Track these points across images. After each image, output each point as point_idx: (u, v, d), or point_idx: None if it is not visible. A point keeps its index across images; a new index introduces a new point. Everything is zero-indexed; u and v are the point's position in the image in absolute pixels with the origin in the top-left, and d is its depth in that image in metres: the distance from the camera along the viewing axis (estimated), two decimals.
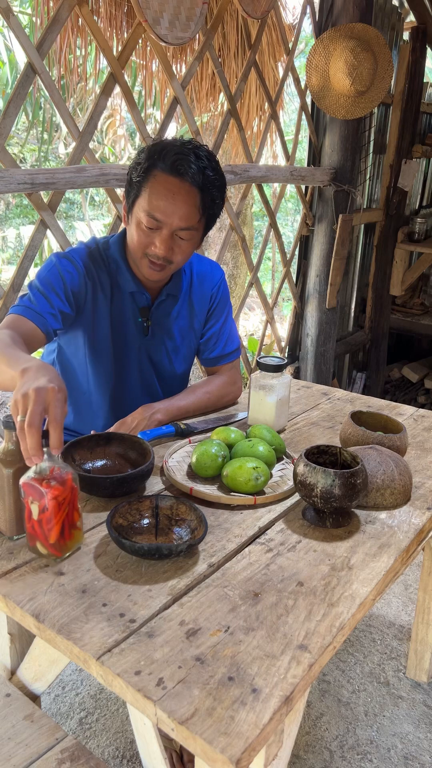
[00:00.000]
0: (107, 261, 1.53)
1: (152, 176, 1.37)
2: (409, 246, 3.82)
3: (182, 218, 1.39)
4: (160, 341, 1.62)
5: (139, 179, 1.39)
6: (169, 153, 1.37)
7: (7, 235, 7.67)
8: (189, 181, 1.37)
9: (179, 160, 1.36)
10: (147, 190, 1.38)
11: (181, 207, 1.38)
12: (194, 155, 1.38)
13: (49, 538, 1.04)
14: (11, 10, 1.70)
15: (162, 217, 1.38)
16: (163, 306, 1.60)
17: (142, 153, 1.40)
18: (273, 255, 6.82)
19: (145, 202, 1.39)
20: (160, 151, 1.38)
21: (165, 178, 1.37)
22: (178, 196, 1.38)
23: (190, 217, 1.40)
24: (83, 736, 1.69)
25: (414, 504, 1.29)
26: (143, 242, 1.42)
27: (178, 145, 1.39)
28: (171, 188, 1.37)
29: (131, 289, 1.54)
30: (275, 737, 0.86)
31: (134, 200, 1.41)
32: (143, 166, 1.38)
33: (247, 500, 1.25)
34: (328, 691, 1.85)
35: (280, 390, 1.55)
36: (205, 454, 1.31)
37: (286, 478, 1.35)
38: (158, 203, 1.37)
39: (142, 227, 1.40)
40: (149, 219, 1.39)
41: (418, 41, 3.49)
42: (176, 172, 1.36)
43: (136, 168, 1.40)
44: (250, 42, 2.73)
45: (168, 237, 1.41)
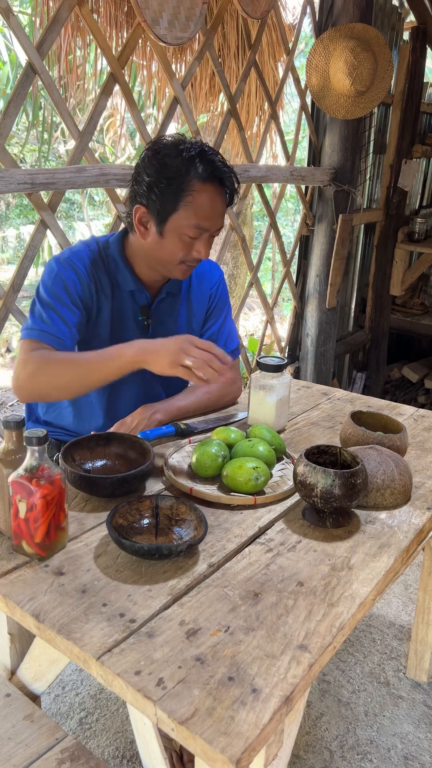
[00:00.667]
0: (107, 260, 1.53)
1: (193, 190, 1.38)
2: (409, 246, 3.82)
3: (220, 220, 1.45)
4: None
5: (178, 195, 1.38)
6: (203, 162, 1.38)
7: (7, 235, 7.68)
8: (222, 184, 1.42)
9: (213, 168, 1.39)
10: (190, 204, 1.38)
11: (221, 211, 1.44)
12: (216, 155, 1.41)
13: (35, 537, 1.04)
14: (11, 10, 1.70)
15: (209, 225, 1.42)
16: (163, 304, 1.61)
17: (172, 165, 1.37)
18: (273, 255, 6.82)
19: (190, 215, 1.39)
20: (192, 161, 1.37)
21: (206, 188, 1.39)
22: (218, 201, 1.42)
23: (224, 217, 1.46)
24: (83, 736, 1.69)
25: (414, 504, 1.29)
26: (184, 251, 1.44)
27: (208, 151, 1.40)
28: (213, 196, 1.40)
29: (131, 287, 1.54)
30: (275, 737, 0.86)
31: (170, 214, 1.40)
32: (179, 179, 1.37)
33: (247, 500, 1.25)
34: (328, 691, 1.85)
35: (280, 390, 1.55)
36: (205, 454, 1.31)
37: (286, 478, 1.35)
38: (206, 214, 1.40)
39: (185, 239, 1.42)
40: (195, 230, 1.41)
41: (418, 41, 3.49)
42: (215, 178, 1.39)
43: (170, 182, 1.37)
44: (250, 42, 2.73)
45: (208, 240, 1.45)
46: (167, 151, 1.39)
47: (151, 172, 1.39)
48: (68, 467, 1.23)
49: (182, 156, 1.38)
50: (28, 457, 1.02)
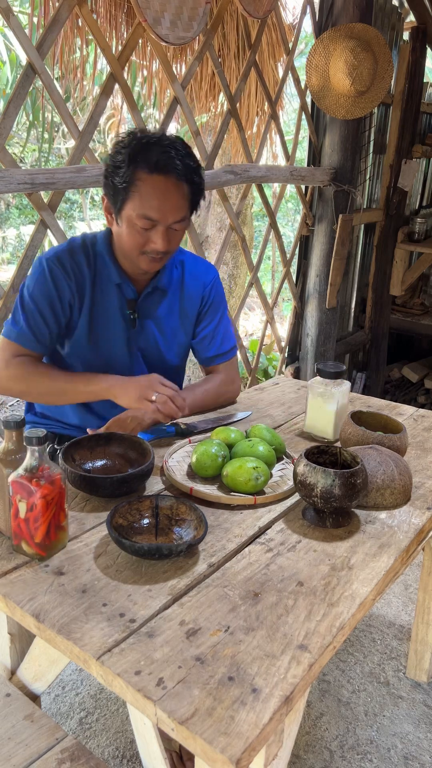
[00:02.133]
0: (94, 256, 1.54)
1: (138, 179, 1.38)
2: (409, 246, 3.82)
3: (175, 213, 1.42)
4: (149, 333, 1.62)
5: (125, 184, 1.39)
6: (151, 152, 1.37)
7: (7, 235, 7.68)
8: (175, 176, 1.39)
9: (162, 158, 1.37)
10: (136, 193, 1.39)
11: (173, 203, 1.41)
12: (173, 149, 1.39)
13: (35, 537, 1.04)
14: (11, 10, 1.70)
15: (157, 216, 1.40)
16: (150, 299, 1.60)
17: (119, 155, 1.39)
18: (273, 255, 6.82)
19: (136, 204, 1.39)
20: (141, 151, 1.37)
21: (152, 178, 1.38)
22: (169, 193, 1.40)
23: (181, 210, 1.43)
24: (83, 736, 1.69)
25: (414, 504, 1.29)
26: (139, 242, 1.44)
27: (155, 142, 1.39)
28: (160, 187, 1.39)
29: (117, 281, 1.54)
30: (275, 737, 0.86)
31: (121, 203, 1.42)
32: (126, 170, 1.38)
33: (247, 500, 1.25)
34: (328, 691, 1.85)
35: (340, 398, 1.51)
36: (205, 454, 1.31)
37: (286, 478, 1.35)
38: (151, 204, 1.39)
39: (137, 228, 1.42)
40: (144, 221, 1.41)
41: (418, 41, 3.49)
42: (162, 170, 1.38)
43: (117, 172, 1.39)
44: (250, 42, 2.73)
45: (164, 233, 1.43)
46: (123, 141, 1.41)
47: (109, 162, 1.42)
48: (68, 467, 1.23)
49: (132, 145, 1.38)
50: (28, 457, 1.02)
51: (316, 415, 1.55)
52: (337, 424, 1.53)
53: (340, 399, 1.51)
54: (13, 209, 8.06)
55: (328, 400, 1.51)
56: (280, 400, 1.83)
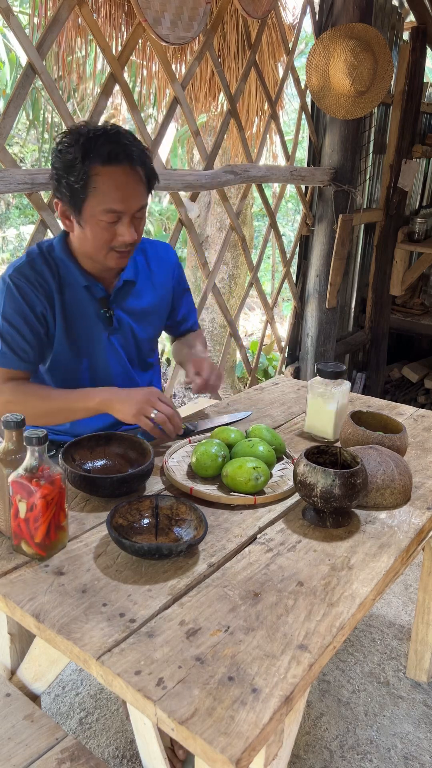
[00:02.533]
0: (54, 263, 1.50)
1: (95, 174, 1.35)
2: (409, 246, 3.82)
3: (138, 200, 1.40)
4: (126, 327, 1.60)
5: (82, 182, 1.35)
6: (101, 144, 1.34)
7: (7, 235, 7.68)
8: (130, 163, 1.37)
9: (115, 148, 1.35)
10: (96, 189, 1.36)
11: (134, 190, 1.39)
12: (122, 137, 1.38)
13: (35, 537, 1.04)
14: (11, 10, 1.70)
15: (122, 207, 1.38)
16: (123, 293, 1.58)
17: (69, 154, 1.36)
18: (273, 255, 6.82)
19: (98, 200, 1.36)
20: (90, 145, 1.34)
21: (109, 170, 1.35)
22: (129, 181, 1.38)
23: (142, 195, 1.42)
24: (83, 736, 1.69)
25: (414, 504, 1.29)
26: (106, 238, 1.41)
27: (102, 134, 1.36)
28: (120, 177, 1.36)
29: (83, 283, 1.51)
30: (275, 737, 0.86)
31: (80, 203, 1.38)
32: (79, 168, 1.34)
33: (247, 500, 1.25)
34: (328, 691, 1.85)
35: (340, 398, 1.51)
36: (205, 454, 1.31)
37: (286, 478, 1.35)
38: (113, 196, 1.36)
39: (102, 225, 1.39)
40: (110, 215, 1.38)
41: (418, 41, 3.49)
42: (117, 160, 1.35)
43: (71, 172, 1.35)
44: (250, 42, 2.73)
45: (130, 223, 1.41)
46: (68, 140, 1.37)
47: (57, 165, 1.38)
48: (68, 467, 1.23)
49: (80, 142, 1.35)
50: (28, 457, 1.02)
51: (316, 415, 1.55)
52: (337, 424, 1.53)
53: (340, 399, 1.51)
54: (13, 209, 8.06)
55: (328, 400, 1.51)
56: (280, 400, 1.83)
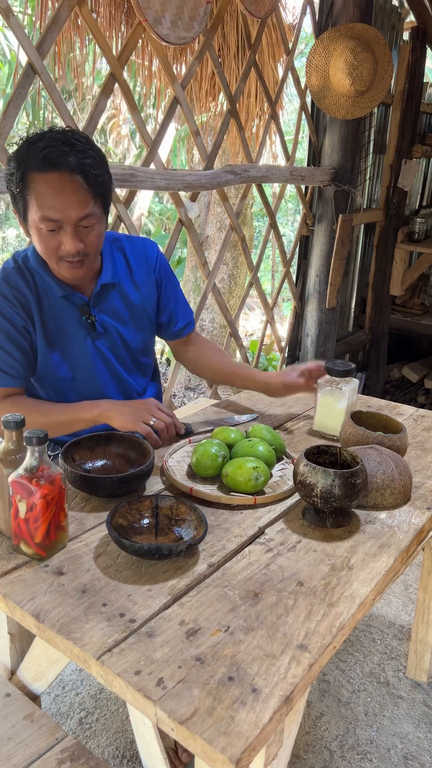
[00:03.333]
0: (31, 274, 1.47)
1: (30, 181, 1.31)
2: (409, 246, 3.82)
3: (77, 208, 1.33)
4: (112, 331, 1.57)
5: (19, 189, 1.32)
6: (36, 149, 1.30)
7: (7, 235, 7.67)
8: (67, 169, 1.30)
9: (48, 153, 1.29)
10: (31, 196, 1.32)
11: (72, 198, 1.32)
12: (61, 141, 1.31)
13: (35, 537, 1.04)
14: (11, 10, 1.70)
15: (58, 216, 1.32)
16: (103, 297, 1.54)
17: (11, 162, 1.33)
18: (273, 255, 6.82)
19: (34, 208, 1.32)
20: (27, 151, 1.31)
21: (42, 176, 1.30)
22: (64, 188, 1.31)
23: (84, 204, 1.34)
24: (83, 736, 1.69)
25: (414, 504, 1.29)
26: (51, 246, 1.37)
27: (44, 138, 1.32)
28: (53, 184, 1.30)
29: (60, 293, 1.47)
30: (275, 737, 0.86)
31: (24, 211, 1.35)
32: (17, 174, 1.31)
33: (247, 500, 1.25)
34: (328, 691, 1.85)
35: (350, 396, 1.51)
36: (205, 454, 1.31)
37: (286, 478, 1.35)
38: (47, 203, 1.31)
39: (43, 233, 1.35)
40: (46, 222, 1.33)
41: (418, 41, 3.49)
42: (50, 165, 1.30)
43: (12, 179, 1.33)
44: (250, 42, 2.73)
45: (73, 232, 1.35)
46: (18, 145, 1.34)
47: (7, 171, 1.36)
48: (68, 467, 1.23)
49: (22, 148, 1.31)
50: (28, 457, 1.02)
51: (326, 413, 1.55)
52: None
53: (350, 397, 1.52)
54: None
55: (338, 398, 1.51)
56: (280, 400, 1.83)
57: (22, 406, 1.47)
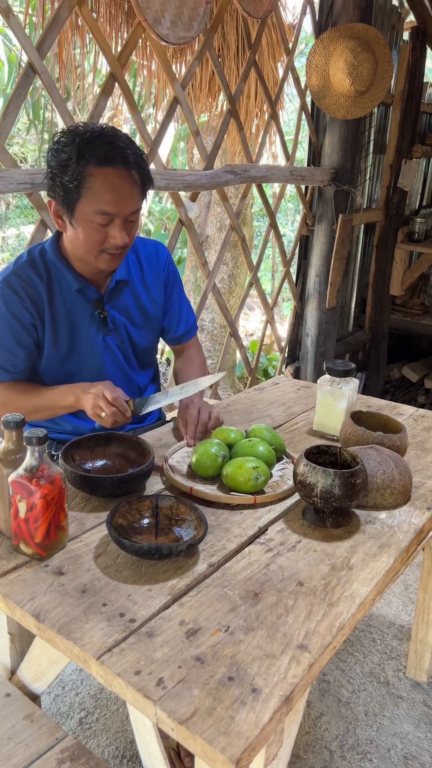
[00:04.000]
0: (47, 267, 1.49)
1: (90, 174, 1.33)
2: (409, 246, 3.82)
3: (131, 203, 1.39)
4: (121, 328, 1.59)
5: (76, 182, 1.34)
6: (97, 145, 1.33)
7: (7, 235, 7.67)
8: (125, 166, 1.36)
9: (111, 150, 1.34)
10: (90, 190, 1.34)
11: (128, 193, 1.38)
12: (118, 139, 1.36)
13: (35, 537, 1.04)
14: (11, 10, 1.70)
15: (115, 210, 1.37)
16: (116, 294, 1.57)
17: (63, 153, 1.34)
18: (273, 255, 6.81)
19: (91, 201, 1.35)
20: (87, 146, 1.33)
21: (104, 171, 1.34)
22: (123, 184, 1.36)
23: (135, 199, 1.40)
24: (83, 736, 1.69)
25: (414, 504, 1.29)
26: (98, 239, 1.40)
27: (98, 134, 1.35)
28: (114, 179, 1.35)
29: (76, 287, 1.50)
30: (275, 737, 0.86)
31: (72, 204, 1.37)
32: (75, 168, 1.33)
33: (247, 500, 1.25)
34: (328, 691, 1.85)
35: (350, 396, 1.51)
36: (205, 454, 1.31)
37: (286, 478, 1.35)
38: (106, 197, 1.35)
39: (94, 226, 1.38)
40: (102, 216, 1.37)
41: (418, 41, 3.49)
42: (112, 162, 1.34)
43: (66, 171, 1.34)
44: (250, 42, 2.73)
45: (122, 226, 1.40)
46: (64, 139, 1.36)
47: (52, 163, 1.37)
48: (68, 467, 1.23)
49: (76, 142, 1.34)
50: (28, 457, 1.02)
51: (326, 413, 1.55)
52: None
53: (350, 397, 1.52)
54: (13, 209, 8.06)
55: (338, 398, 1.51)
56: (280, 400, 1.83)
57: (12, 389, 1.49)
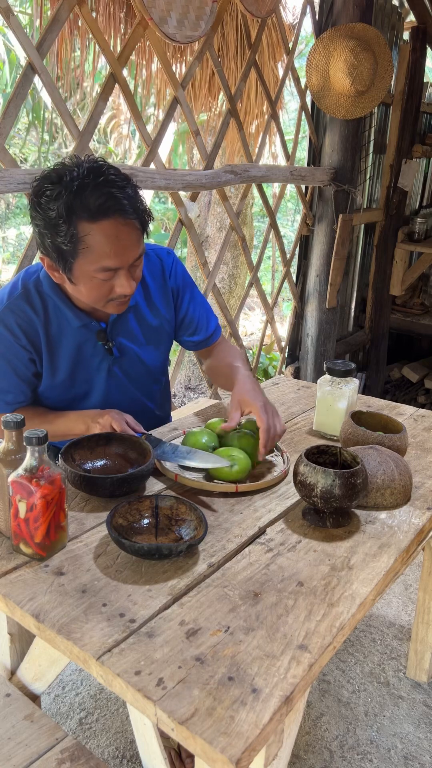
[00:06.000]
0: (43, 300, 1.39)
1: (85, 234, 1.21)
2: (409, 246, 3.82)
3: (134, 251, 1.28)
4: (129, 352, 1.52)
5: (71, 244, 1.22)
6: (87, 197, 1.20)
7: (7, 235, 7.68)
8: (122, 214, 1.23)
9: (103, 201, 1.20)
10: (87, 249, 1.23)
11: (129, 242, 1.26)
12: (109, 185, 1.22)
13: (34, 537, 1.04)
14: (11, 10, 1.70)
15: (117, 264, 1.26)
16: (120, 323, 1.49)
17: (51, 211, 1.21)
18: (273, 255, 6.82)
19: (90, 260, 1.24)
20: (75, 200, 1.20)
21: (100, 226, 1.22)
22: (122, 235, 1.24)
23: (138, 244, 1.29)
24: (83, 736, 1.69)
25: (414, 504, 1.29)
26: (104, 292, 1.31)
27: (87, 183, 1.20)
28: (112, 232, 1.23)
29: (77, 324, 1.41)
30: (275, 737, 0.86)
31: (72, 264, 1.26)
32: (65, 228, 1.20)
33: (229, 488, 1.27)
34: (328, 691, 1.84)
35: (350, 396, 1.51)
36: (197, 444, 1.36)
37: (273, 469, 1.38)
38: (105, 252, 1.24)
39: (96, 282, 1.28)
40: (105, 273, 1.26)
41: (418, 41, 3.49)
42: (107, 214, 1.21)
43: (58, 232, 1.21)
44: (250, 42, 2.73)
45: (127, 275, 1.30)
46: (49, 192, 1.21)
47: (39, 222, 1.25)
48: (68, 467, 1.23)
49: (62, 196, 1.20)
50: (28, 457, 1.02)
51: (326, 413, 1.55)
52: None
53: (350, 397, 1.52)
54: (13, 209, 8.06)
55: (338, 398, 1.51)
56: (280, 400, 1.83)
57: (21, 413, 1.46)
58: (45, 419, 1.46)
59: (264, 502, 1.27)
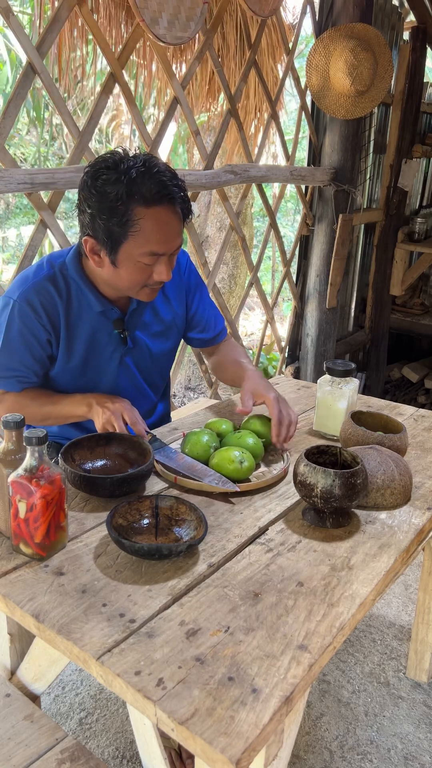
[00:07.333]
0: (67, 283, 1.44)
1: (139, 216, 1.28)
2: (409, 246, 3.82)
3: (177, 239, 1.36)
4: (141, 344, 1.57)
5: (124, 225, 1.28)
6: (144, 184, 1.27)
7: (7, 235, 7.67)
8: (172, 202, 1.31)
9: (159, 189, 1.28)
10: (138, 231, 1.29)
11: (175, 231, 1.34)
12: (162, 175, 1.29)
13: (34, 537, 1.04)
14: (11, 10, 1.70)
15: (163, 249, 1.33)
16: (137, 313, 1.53)
17: (109, 193, 1.27)
18: (273, 255, 6.81)
19: (140, 242, 1.30)
20: (134, 185, 1.26)
21: (153, 212, 1.29)
22: (171, 222, 1.32)
23: (181, 234, 1.38)
24: (83, 736, 1.69)
25: (414, 504, 1.29)
26: (143, 278, 1.37)
27: (144, 172, 1.28)
28: (163, 219, 1.30)
29: (98, 309, 1.46)
30: (275, 737, 0.86)
31: (119, 245, 1.32)
32: (122, 210, 1.27)
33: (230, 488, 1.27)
34: (328, 691, 1.84)
35: (350, 396, 1.51)
36: (198, 443, 1.36)
37: (272, 469, 1.38)
38: (156, 238, 1.31)
39: (140, 266, 1.34)
40: (150, 257, 1.33)
41: (418, 41, 3.49)
42: (160, 201, 1.29)
43: (112, 214, 1.27)
44: (250, 42, 2.73)
45: (168, 262, 1.37)
46: (106, 176, 1.28)
47: (93, 203, 1.29)
48: (68, 467, 1.23)
49: (122, 181, 1.26)
50: (28, 457, 1.02)
51: (326, 413, 1.55)
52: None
53: (350, 397, 1.52)
54: (13, 209, 8.06)
55: (338, 398, 1.51)
56: None
57: (24, 395, 1.48)
58: (47, 399, 1.49)
59: (264, 502, 1.27)
